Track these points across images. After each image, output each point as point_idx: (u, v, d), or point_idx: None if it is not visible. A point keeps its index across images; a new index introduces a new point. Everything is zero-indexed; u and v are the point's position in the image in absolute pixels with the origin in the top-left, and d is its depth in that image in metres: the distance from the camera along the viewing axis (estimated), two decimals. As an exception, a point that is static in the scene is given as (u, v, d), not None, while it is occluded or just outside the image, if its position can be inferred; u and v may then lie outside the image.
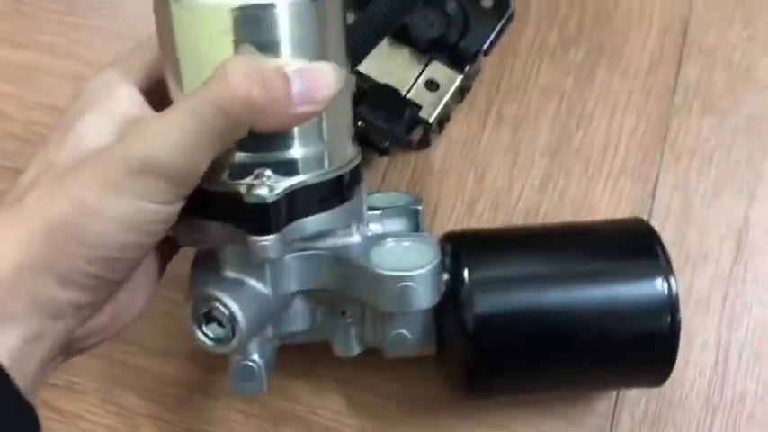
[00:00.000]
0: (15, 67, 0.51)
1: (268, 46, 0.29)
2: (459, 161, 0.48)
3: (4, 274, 0.28)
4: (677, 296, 0.37)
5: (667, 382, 0.43)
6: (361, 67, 0.42)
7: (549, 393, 0.43)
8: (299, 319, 0.36)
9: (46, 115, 0.50)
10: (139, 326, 0.45)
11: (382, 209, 0.38)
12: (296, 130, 0.31)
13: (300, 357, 0.44)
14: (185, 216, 0.30)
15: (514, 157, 0.48)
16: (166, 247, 0.35)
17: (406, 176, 0.48)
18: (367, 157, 0.36)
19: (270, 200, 0.29)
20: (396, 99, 0.44)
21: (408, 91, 0.45)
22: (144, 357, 0.45)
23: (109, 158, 0.29)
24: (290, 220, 0.31)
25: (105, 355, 0.44)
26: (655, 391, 0.43)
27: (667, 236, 0.45)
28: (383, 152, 0.46)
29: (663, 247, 0.38)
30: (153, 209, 0.29)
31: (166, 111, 0.29)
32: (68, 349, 0.31)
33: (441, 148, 0.48)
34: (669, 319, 0.37)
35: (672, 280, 0.37)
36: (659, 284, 0.37)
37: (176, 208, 0.30)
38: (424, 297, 0.34)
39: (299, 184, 0.31)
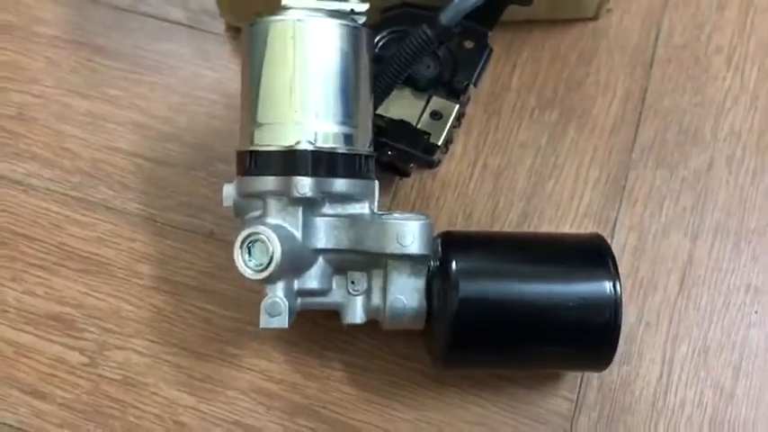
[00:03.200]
0: (83, 115, 0.59)
1: None
2: (451, 202, 0.56)
3: None
4: (621, 297, 0.43)
5: (619, 391, 0.51)
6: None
7: (513, 370, 0.51)
8: (318, 279, 0.44)
9: (108, 155, 0.57)
10: (181, 331, 0.54)
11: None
12: (334, 110, 0.42)
13: (314, 356, 0.52)
14: (246, 179, 0.42)
15: (496, 199, 0.56)
16: None
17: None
18: (383, 182, 0.45)
19: (311, 149, 0.41)
20: (411, 130, 0.51)
21: (417, 122, 0.52)
22: (184, 357, 0.52)
23: None
24: (325, 175, 0.42)
25: (154, 355, 0.52)
26: (608, 397, 0.51)
27: (623, 268, 0.53)
28: (405, 174, 0.55)
29: (613, 257, 0.45)
30: None
31: None
32: None
33: (436, 190, 0.56)
34: (613, 315, 0.43)
35: (617, 284, 0.43)
36: (607, 286, 0.44)
37: None
38: (418, 243, 0.42)
39: (333, 149, 0.42)
